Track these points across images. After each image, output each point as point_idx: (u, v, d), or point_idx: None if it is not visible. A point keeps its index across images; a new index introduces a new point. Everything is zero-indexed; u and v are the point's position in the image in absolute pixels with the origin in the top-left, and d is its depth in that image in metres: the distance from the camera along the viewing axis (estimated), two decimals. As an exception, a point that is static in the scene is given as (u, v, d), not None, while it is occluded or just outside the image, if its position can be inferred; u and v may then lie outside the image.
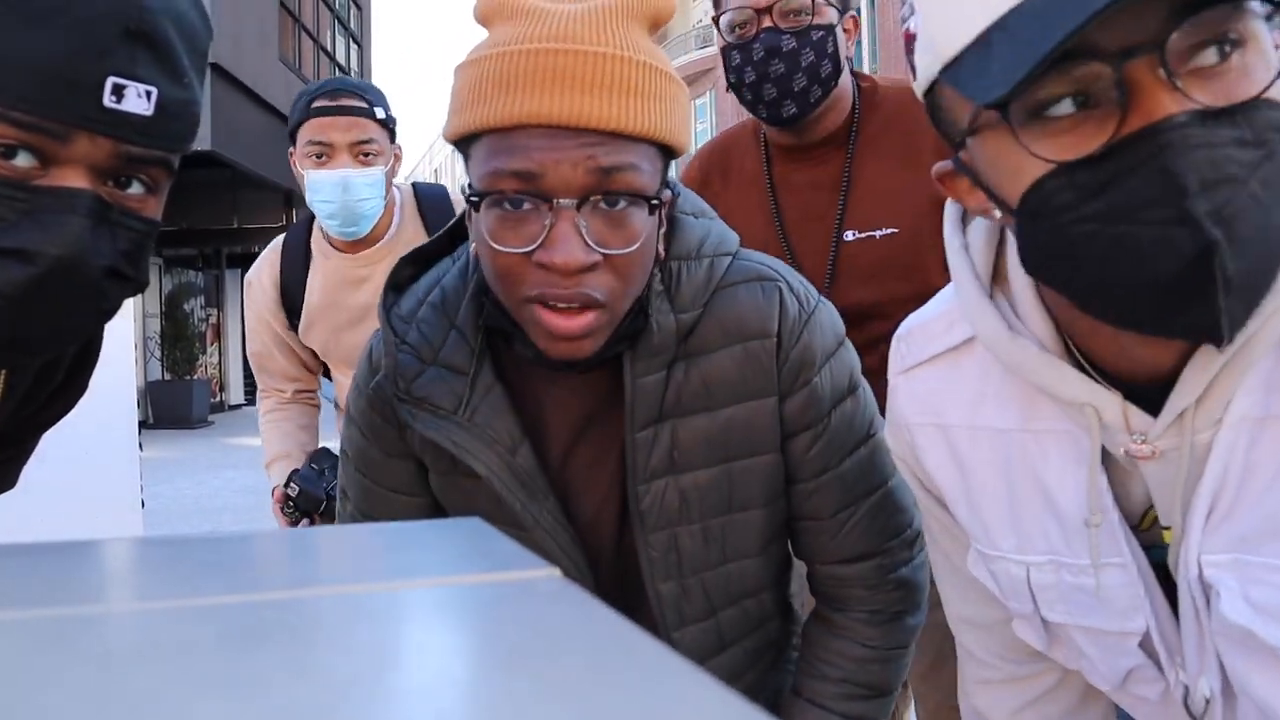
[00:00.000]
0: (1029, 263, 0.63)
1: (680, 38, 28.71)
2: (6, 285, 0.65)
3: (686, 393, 0.89)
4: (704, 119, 26.32)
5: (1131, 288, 0.58)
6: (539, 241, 0.76)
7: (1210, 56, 0.55)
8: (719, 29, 1.47)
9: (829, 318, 0.93)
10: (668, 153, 0.83)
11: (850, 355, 0.95)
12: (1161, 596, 0.72)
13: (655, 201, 0.78)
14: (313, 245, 1.87)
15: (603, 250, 0.76)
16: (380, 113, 1.74)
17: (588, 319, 0.78)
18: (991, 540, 0.79)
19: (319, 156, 1.71)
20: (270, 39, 12.89)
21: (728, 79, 1.48)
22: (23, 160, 0.65)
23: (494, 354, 0.91)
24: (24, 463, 1.01)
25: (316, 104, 1.72)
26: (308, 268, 1.87)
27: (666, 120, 0.79)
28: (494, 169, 0.77)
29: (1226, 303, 0.54)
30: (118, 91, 0.65)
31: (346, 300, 1.82)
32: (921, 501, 0.88)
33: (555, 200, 0.75)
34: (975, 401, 0.78)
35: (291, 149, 1.80)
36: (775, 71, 1.40)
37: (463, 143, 0.81)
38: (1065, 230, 0.58)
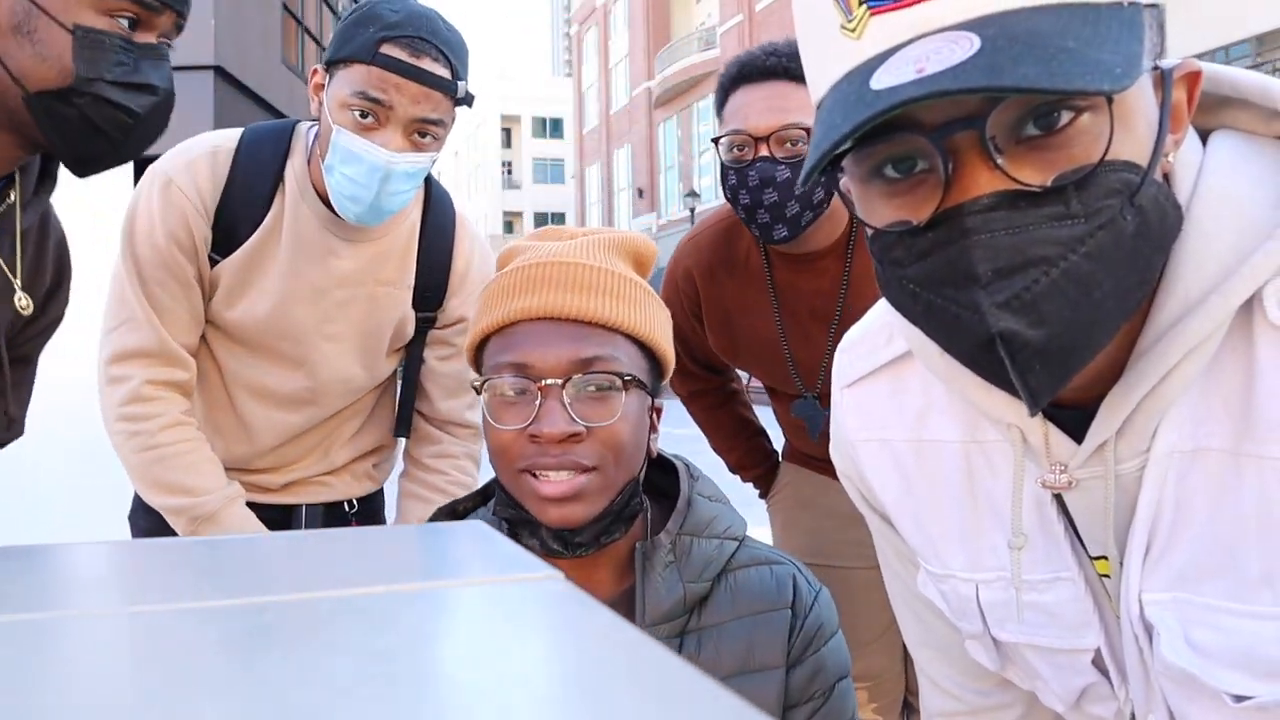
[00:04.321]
0: (884, 294, 0.65)
1: (684, 39, 28.75)
2: (140, 108, 0.95)
3: (698, 665, 0.92)
4: (706, 120, 26.34)
5: (947, 348, 0.61)
6: (531, 419, 0.88)
7: (1047, 125, 0.55)
8: (718, 148, 1.48)
9: (830, 600, 1.02)
10: (652, 359, 0.96)
11: (844, 642, 1.02)
12: (1112, 614, 0.71)
13: (629, 377, 0.91)
14: (288, 173, 1.38)
15: (586, 424, 0.88)
16: (463, 88, 1.29)
17: (578, 480, 0.88)
18: (940, 559, 0.78)
19: (364, 116, 1.24)
20: (273, 42, 12.92)
21: (724, 193, 1.49)
22: (127, 24, 0.94)
23: None
24: (29, 393, 1.15)
25: (388, 50, 1.23)
26: (273, 193, 1.37)
27: (643, 321, 0.94)
28: (495, 362, 0.92)
29: (1026, 380, 0.56)
30: None
31: (309, 266, 1.38)
32: (871, 523, 0.88)
33: (543, 380, 0.89)
34: (921, 414, 0.77)
35: (318, 70, 1.31)
36: (769, 199, 1.41)
37: (479, 350, 0.96)
38: (899, 281, 0.60)
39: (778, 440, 1.90)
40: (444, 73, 1.26)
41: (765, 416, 1.90)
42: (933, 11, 0.54)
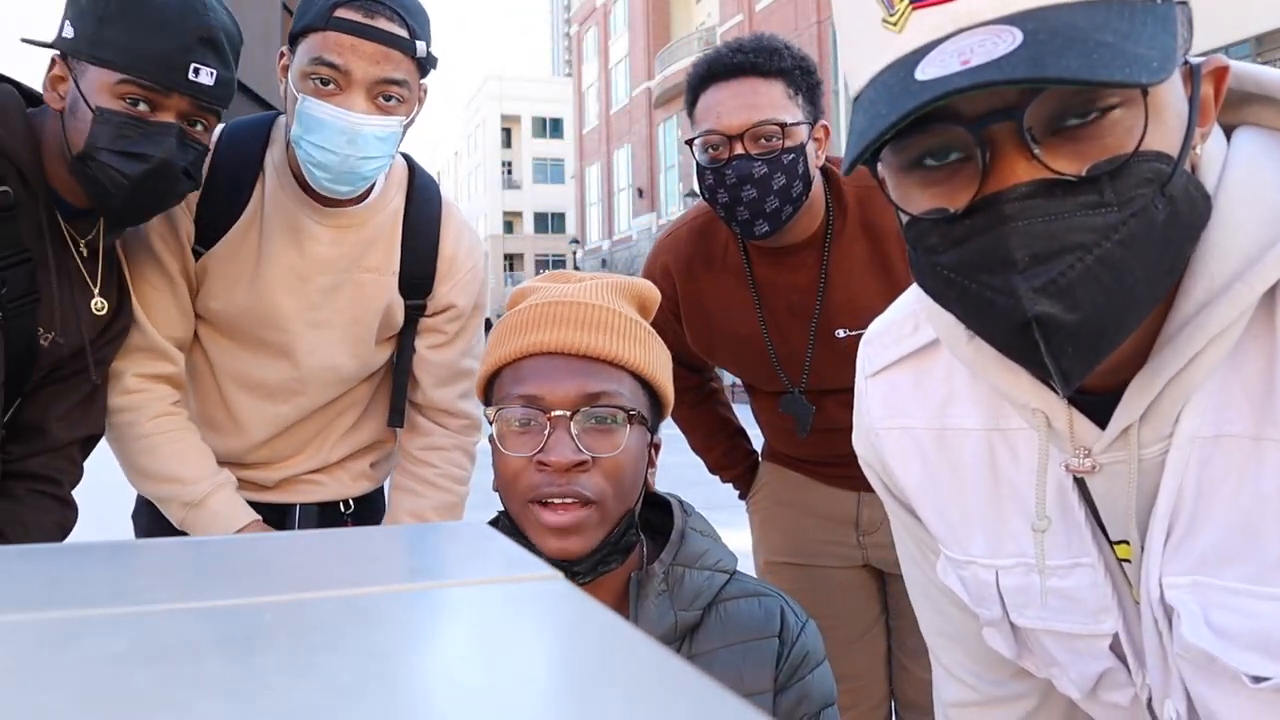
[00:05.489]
0: (916, 280, 0.66)
1: (684, 39, 28.74)
2: (133, 173, 1.16)
3: None
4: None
5: (980, 332, 0.62)
6: (540, 447, 0.93)
7: (1083, 116, 0.56)
8: (692, 149, 1.49)
9: (816, 631, 1.05)
10: (653, 396, 1.01)
11: (830, 672, 1.05)
12: (1130, 599, 0.72)
13: (633, 412, 0.96)
14: (268, 162, 1.41)
15: (591, 454, 0.93)
16: (421, 48, 1.29)
17: (579, 514, 0.92)
18: (960, 545, 0.79)
19: (324, 83, 1.25)
20: (274, 40, 12.88)
21: (701, 192, 1.50)
22: (142, 107, 1.17)
23: None
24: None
25: (342, 13, 1.25)
26: (253, 182, 1.39)
27: (646, 360, 1.00)
28: (506, 394, 0.98)
29: (1059, 362, 0.58)
30: (196, 71, 1.18)
31: (288, 250, 1.38)
32: (892, 512, 0.89)
33: (552, 412, 0.94)
34: (944, 402, 0.79)
35: (284, 51, 1.32)
36: (748, 196, 1.42)
37: (489, 383, 1.02)
38: (933, 268, 0.62)
39: (756, 439, 1.90)
40: (401, 32, 1.26)
41: (744, 416, 1.90)
42: (974, 6, 0.56)
